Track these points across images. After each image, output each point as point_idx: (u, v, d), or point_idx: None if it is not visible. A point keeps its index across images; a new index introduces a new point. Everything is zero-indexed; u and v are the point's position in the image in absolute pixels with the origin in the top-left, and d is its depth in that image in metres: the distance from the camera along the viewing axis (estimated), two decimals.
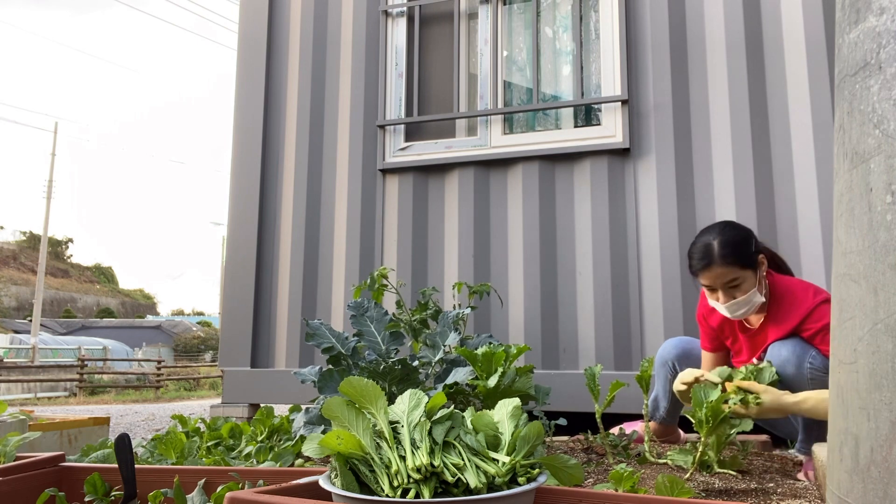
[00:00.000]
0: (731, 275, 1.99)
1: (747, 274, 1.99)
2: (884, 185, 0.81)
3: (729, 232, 2.03)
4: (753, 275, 2.00)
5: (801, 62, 3.03)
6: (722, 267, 1.99)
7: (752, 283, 2.00)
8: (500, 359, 1.93)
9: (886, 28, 0.83)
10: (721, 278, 2.00)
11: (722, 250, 1.99)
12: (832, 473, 0.90)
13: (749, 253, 2.00)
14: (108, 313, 47.85)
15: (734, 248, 1.99)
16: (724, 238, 2.01)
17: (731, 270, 1.99)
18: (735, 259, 1.98)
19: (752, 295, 2.00)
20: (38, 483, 1.38)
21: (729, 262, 1.98)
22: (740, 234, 2.04)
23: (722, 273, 1.99)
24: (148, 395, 15.55)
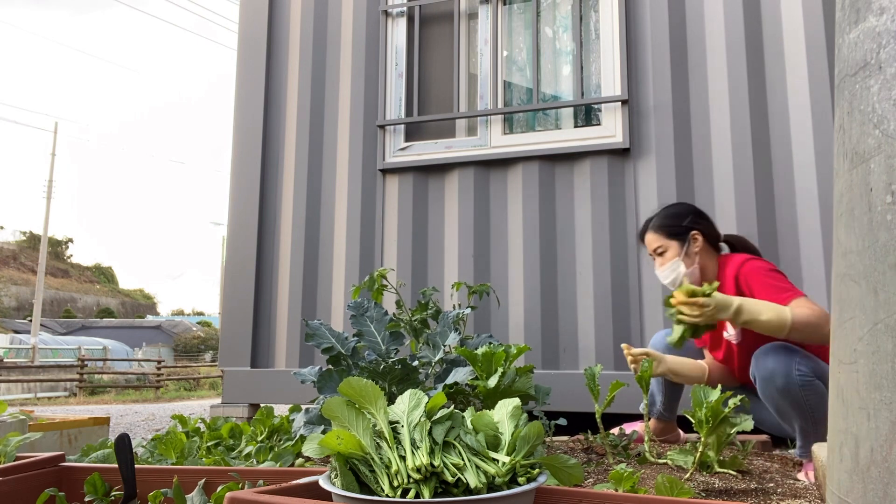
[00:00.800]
0: (656, 242, 2.25)
1: (672, 243, 2.22)
2: (884, 185, 0.81)
3: (669, 208, 2.32)
4: (679, 246, 2.21)
5: (801, 62, 3.03)
6: (651, 234, 2.28)
7: (676, 253, 2.21)
8: (500, 359, 1.93)
9: (886, 28, 0.83)
10: (650, 245, 2.28)
11: (656, 220, 2.28)
12: (832, 473, 0.90)
13: (678, 225, 2.23)
14: (108, 313, 47.86)
15: (665, 220, 2.26)
16: (662, 212, 2.30)
17: (658, 238, 2.25)
18: (662, 228, 2.25)
19: (675, 263, 2.20)
20: (38, 483, 1.38)
21: (657, 231, 2.26)
22: (678, 209, 2.29)
23: (651, 240, 2.28)
24: (148, 395, 15.55)
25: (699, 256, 2.21)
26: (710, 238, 2.25)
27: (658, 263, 2.27)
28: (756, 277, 2.04)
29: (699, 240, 2.22)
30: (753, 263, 2.10)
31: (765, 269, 2.06)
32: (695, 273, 2.20)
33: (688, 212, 2.27)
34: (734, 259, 2.18)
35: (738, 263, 2.12)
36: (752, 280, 2.05)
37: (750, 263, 2.10)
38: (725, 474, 1.85)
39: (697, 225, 2.24)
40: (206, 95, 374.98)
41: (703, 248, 2.23)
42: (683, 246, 2.21)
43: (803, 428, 1.97)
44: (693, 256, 2.21)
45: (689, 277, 2.18)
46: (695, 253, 2.21)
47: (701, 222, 2.26)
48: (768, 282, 2.00)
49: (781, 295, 1.94)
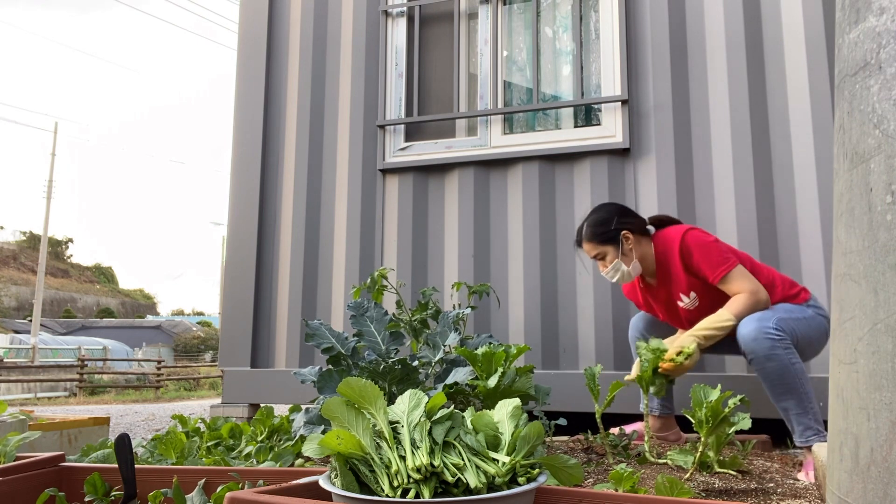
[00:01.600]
0: (594, 251, 2.38)
1: (608, 248, 2.36)
2: (884, 185, 0.81)
3: (594, 215, 2.42)
4: (615, 249, 2.35)
5: (801, 62, 3.03)
6: (586, 244, 2.40)
7: (615, 256, 2.35)
8: (500, 359, 1.93)
9: (886, 28, 0.83)
10: (589, 252, 2.41)
11: (586, 231, 2.40)
12: (832, 473, 0.90)
13: (607, 231, 2.35)
14: (108, 313, 47.85)
15: (594, 229, 2.37)
16: (589, 220, 2.41)
17: (594, 247, 2.38)
18: (593, 237, 2.37)
19: (617, 265, 2.35)
20: (38, 483, 1.38)
21: (589, 240, 2.39)
22: (602, 215, 2.39)
23: (588, 249, 2.41)
24: (148, 395, 15.55)
25: (635, 251, 2.36)
26: (638, 230, 2.39)
27: (601, 267, 2.41)
28: (696, 251, 2.23)
29: (630, 237, 2.35)
30: (694, 236, 2.27)
31: (703, 243, 2.24)
32: (636, 267, 2.36)
33: (612, 214, 2.39)
34: (671, 233, 2.32)
35: (680, 236, 2.28)
36: (694, 252, 2.24)
37: (691, 235, 2.27)
38: (725, 474, 1.85)
39: (624, 225, 2.37)
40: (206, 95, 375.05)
41: (636, 241, 2.37)
42: (618, 248, 2.35)
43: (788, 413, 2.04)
44: (629, 253, 2.36)
45: (633, 272, 2.35)
46: (630, 250, 2.35)
47: (626, 220, 2.39)
48: (706, 257, 2.22)
49: (716, 270, 2.20)
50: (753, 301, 2.15)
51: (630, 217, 2.41)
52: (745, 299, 2.15)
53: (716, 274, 2.20)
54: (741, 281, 2.18)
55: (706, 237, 2.28)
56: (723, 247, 2.27)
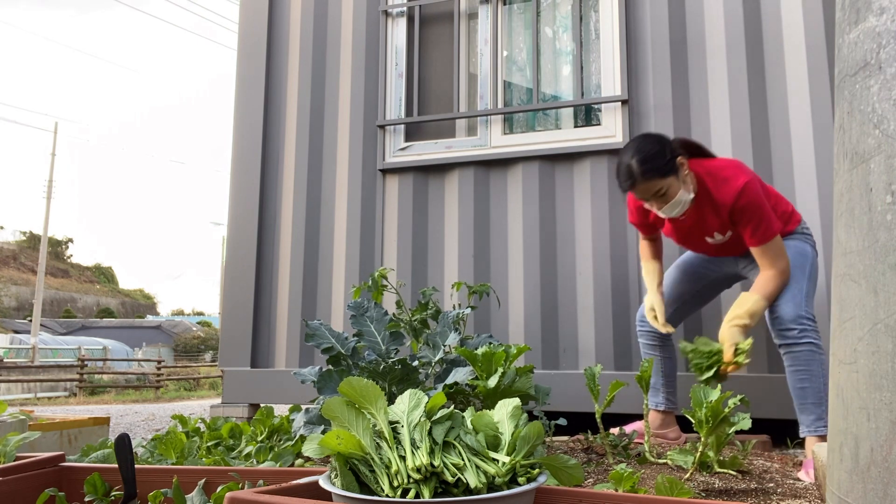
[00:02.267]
0: (655, 187, 2.18)
1: (669, 181, 2.18)
2: (884, 185, 0.81)
3: (644, 148, 2.20)
4: (676, 179, 2.19)
5: (801, 62, 3.03)
6: (645, 183, 2.18)
7: (677, 187, 2.19)
8: (500, 359, 1.93)
9: (886, 28, 0.83)
10: (648, 192, 2.20)
11: (640, 168, 2.17)
12: (832, 473, 0.90)
13: (665, 162, 2.17)
14: (108, 313, 47.85)
15: (651, 164, 2.16)
16: (640, 156, 2.18)
17: (654, 183, 2.17)
18: (654, 173, 2.16)
19: (681, 196, 2.20)
20: (38, 483, 1.38)
21: (649, 178, 2.17)
22: (653, 146, 2.19)
23: (647, 188, 2.19)
24: (148, 395, 15.55)
25: (689, 176, 2.25)
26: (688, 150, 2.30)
27: (656, 205, 2.24)
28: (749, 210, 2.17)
29: (685, 162, 2.23)
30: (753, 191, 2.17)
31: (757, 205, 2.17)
32: (692, 194, 2.24)
33: (662, 143, 2.22)
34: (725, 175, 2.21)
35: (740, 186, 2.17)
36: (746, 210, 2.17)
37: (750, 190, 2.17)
38: (725, 474, 1.85)
39: (677, 151, 2.23)
40: (206, 95, 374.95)
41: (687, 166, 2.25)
42: (679, 176, 2.21)
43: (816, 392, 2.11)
44: (687, 180, 2.23)
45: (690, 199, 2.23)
46: (686, 175, 2.23)
47: (675, 146, 2.25)
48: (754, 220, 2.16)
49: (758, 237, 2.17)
50: (783, 281, 2.16)
51: (675, 141, 2.28)
52: (777, 281, 2.15)
53: (756, 240, 2.18)
54: (775, 257, 2.17)
55: (759, 198, 2.19)
56: (768, 209, 2.20)
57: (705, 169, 2.26)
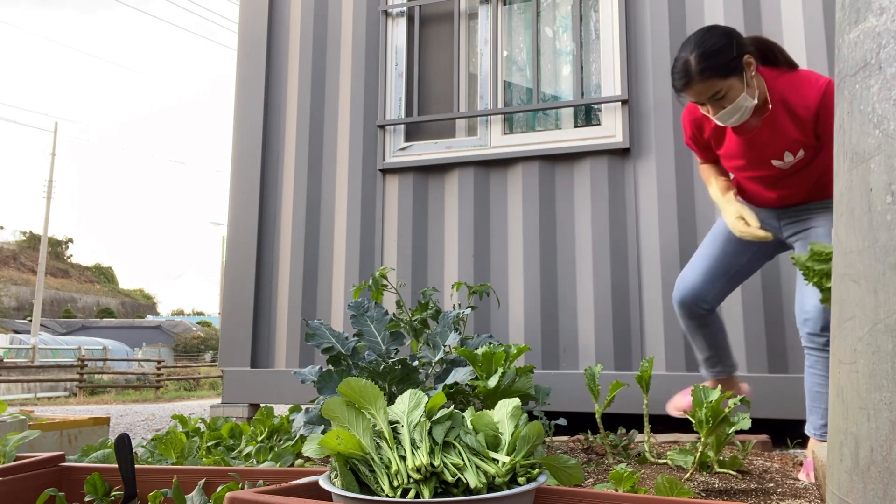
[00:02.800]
0: (713, 88, 1.89)
1: (731, 82, 1.88)
2: (884, 185, 0.81)
3: (706, 42, 1.90)
4: (739, 80, 1.88)
5: (801, 62, 3.03)
6: (702, 83, 1.89)
7: (740, 89, 1.89)
8: (500, 359, 1.93)
9: (886, 28, 0.83)
10: (705, 94, 1.90)
11: (699, 65, 1.88)
12: (832, 473, 0.90)
13: (729, 61, 1.87)
14: (108, 313, 47.86)
15: (712, 61, 1.87)
16: (700, 51, 1.88)
17: (713, 84, 1.88)
18: (714, 71, 1.87)
19: (742, 100, 1.89)
20: (38, 483, 1.38)
21: (708, 76, 1.87)
22: (718, 41, 1.90)
23: (704, 88, 1.89)
24: (148, 395, 15.55)
25: (756, 80, 1.92)
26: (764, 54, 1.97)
27: (713, 110, 1.93)
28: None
29: (752, 62, 1.91)
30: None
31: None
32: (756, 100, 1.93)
33: (729, 36, 1.91)
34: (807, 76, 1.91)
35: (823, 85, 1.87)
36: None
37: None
38: (725, 474, 1.85)
39: (745, 48, 1.90)
40: (206, 96, 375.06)
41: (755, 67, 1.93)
42: (743, 78, 1.88)
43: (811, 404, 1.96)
44: (753, 83, 1.91)
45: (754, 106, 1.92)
46: (752, 78, 1.91)
47: (744, 41, 1.93)
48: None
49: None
50: None
51: (742, 37, 1.94)
52: None
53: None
54: None
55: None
56: None
57: (780, 76, 1.96)
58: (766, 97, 1.95)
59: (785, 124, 1.93)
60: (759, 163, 2.03)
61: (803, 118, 1.89)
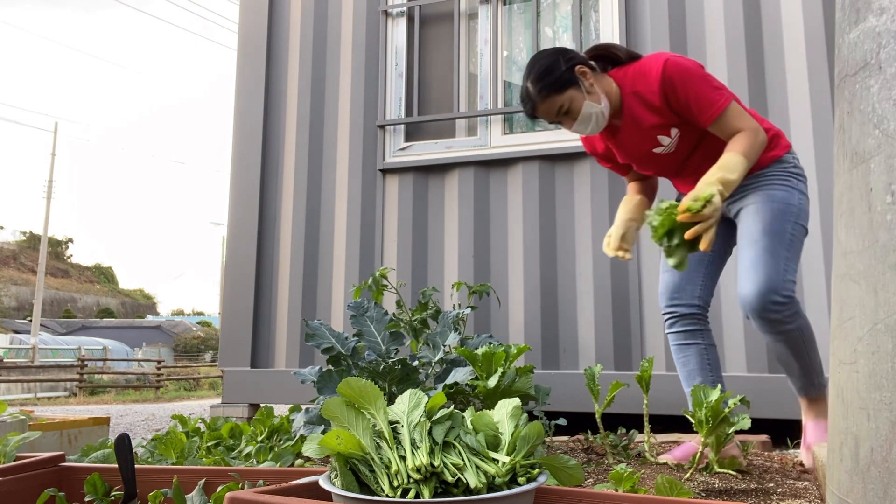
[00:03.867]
0: (556, 104, 1.93)
1: (570, 95, 1.92)
2: (884, 185, 0.81)
3: (536, 65, 1.96)
4: (578, 91, 1.92)
5: (801, 62, 3.03)
6: (543, 102, 1.94)
7: (581, 99, 1.92)
8: (500, 359, 1.93)
9: (886, 28, 0.83)
10: (552, 112, 1.95)
11: (535, 87, 1.94)
12: (832, 473, 0.90)
13: (559, 75, 1.92)
14: (108, 313, 47.86)
15: (545, 80, 1.92)
16: (533, 75, 1.95)
17: (554, 100, 1.93)
18: (550, 89, 1.92)
19: (588, 108, 1.93)
20: (38, 483, 1.38)
21: (546, 95, 1.93)
22: (546, 61, 1.95)
23: (548, 107, 1.94)
24: (148, 395, 15.55)
25: (597, 85, 1.95)
26: (589, 65, 1.99)
27: (568, 125, 1.98)
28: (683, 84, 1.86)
29: (587, 72, 1.95)
30: (677, 64, 1.87)
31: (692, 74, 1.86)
32: (606, 104, 1.95)
33: (554, 55, 1.97)
34: (645, 64, 1.94)
35: (661, 66, 1.88)
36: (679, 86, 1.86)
37: (673, 64, 1.87)
38: (725, 474, 1.85)
39: (573, 60, 1.95)
40: (207, 95, 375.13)
41: (594, 76, 1.97)
42: (580, 88, 1.93)
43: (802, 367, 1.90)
44: (593, 90, 1.94)
45: (606, 111, 1.95)
46: (592, 85, 1.95)
47: (573, 55, 1.98)
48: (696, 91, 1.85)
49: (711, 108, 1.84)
50: (758, 140, 1.83)
51: (573, 52, 2.00)
52: (749, 137, 1.82)
53: (706, 114, 1.85)
54: (740, 118, 1.85)
55: (690, 65, 1.88)
56: (708, 76, 1.89)
57: (626, 71, 1.99)
58: (619, 96, 1.99)
59: (641, 114, 1.96)
60: (646, 157, 2.06)
61: (654, 103, 1.92)
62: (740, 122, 1.85)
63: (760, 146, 1.84)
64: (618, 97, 1.98)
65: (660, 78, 1.87)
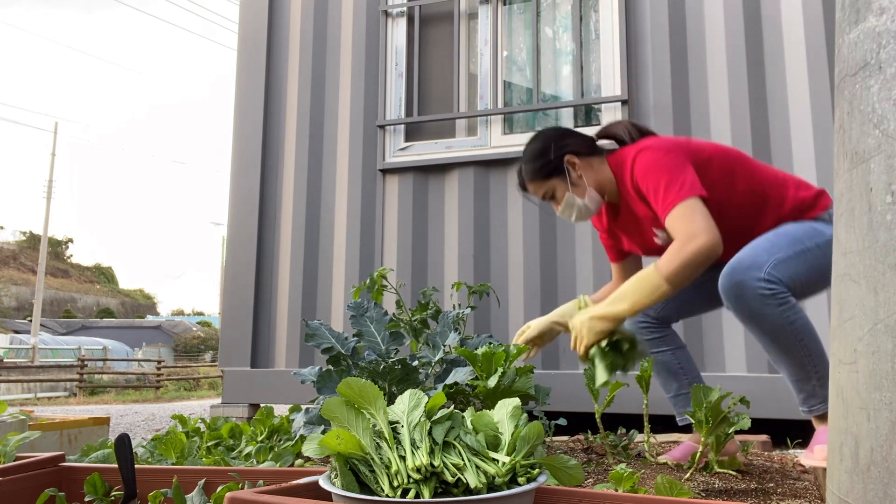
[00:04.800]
0: (540, 189, 1.97)
1: (553, 183, 1.94)
2: (884, 185, 0.81)
3: (528, 149, 1.99)
4: (562, 181, 1.93)
5: (801, 62, 3.03)
6: (530, 184, 1.98)
7: (564, 189, 1.93)
8: (500, 359, 1.93)
9: (886, 28, 0.83)
10: (537, 194, 1.99)
11: (525, 169, 1.99)
12: (832, 473, 0.90)
13: (544, 164, 1.93)
14: (108, 313, 47.87)
15: (531, 165, 1.96)
16: (524, 157, 1.99)
17: (538, 185, 1.96)
18: (534, 175, 1.96)
19: (569, 199, 1.93)
20: (38, 483, 1.38)
21: (531, 179, 1.97)
22: (537, 147, 1.97)
23: (534, 189, 1.99)
24: (148, 395, 15.55)
25: (586, 177, 1.92)
26: (586, 152, 1.96)
27: (555, 208, 1.99)
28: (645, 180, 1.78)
29: (576, 162, 1.92)
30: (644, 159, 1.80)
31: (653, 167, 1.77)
32: (593, 197, 1.92)
33: (547, 140, 1.96)
34: (627, 155, 1.88)
35: (630, 160, 1.84)
36: (641, 182, 1.79)
37: (641, 158, 1.80)
38: (725, 474, 1.85)
39: (564, 149, 1.93)
40: (207, 96, 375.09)
41: (585, 165, 1.93)
42: (565, 178, 1.93)
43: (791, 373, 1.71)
44: (580, 182, 1.92)
45: (591, 203, 1.93)
46: (579, 177, 1.92)
47: (566, 142, 1.95)
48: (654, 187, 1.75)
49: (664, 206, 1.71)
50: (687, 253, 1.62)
51: (570, 138, 1.98)
52: (673, 250, 1.65)
53: (661, 208, 1.72)
54: (682, 221, 1.66)
55: (661, 159, 1.76)
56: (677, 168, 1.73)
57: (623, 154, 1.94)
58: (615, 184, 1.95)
59: (633, 203, 1.91)
60: (650, 248, 2.00)
61: (633, 200, 1.89)
62: (679, 225, 1.67)
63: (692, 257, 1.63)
64: (613, 185, 1.95)
65: (630, 170, 1.84)
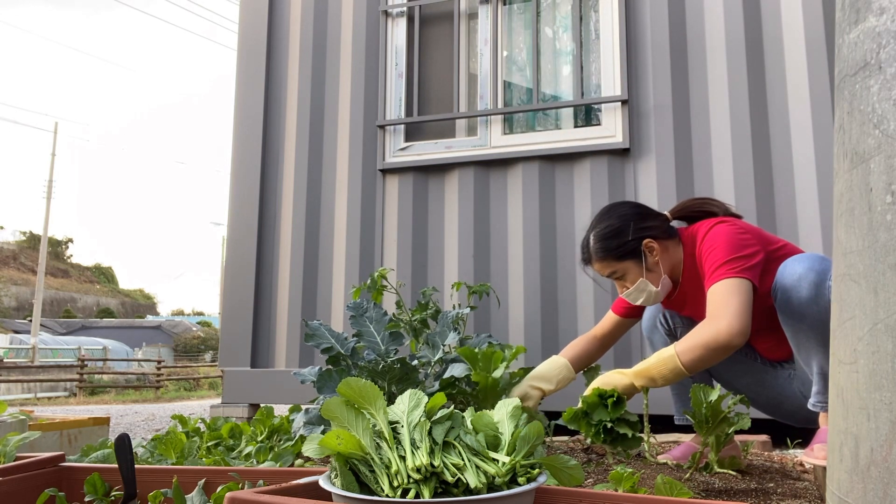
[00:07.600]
0: (609, 268, 1.87)
1: (626, 266, 1.84)
2: (884, 185, 0.81)
3: (602, 223, 1.88)
4: (637, 264, 1.83)
5: (801, 62, 3.03)
6: (598, 262, 1.88)
7: (638, 273, 1.83)
8: (499, 359, 1.93)
9: (886, 28, 0.83)
10: (603, 272, 1.89)
11: (595, 246, 1.87)
12: (832, 473, 0.90)
13: (621, 244, 1.83)
14: (108, 313, 47.87)
15: (605, 243, 1.85)
16: (597, 232, 1.88)
17: (608, 264, 1.86)
18: (606, 253, 1.85)
19: (642, 284, 1.84)
20: (38, 483, 1.38)
21: (601, 257, 1.86)
22: (613, 224, 1.86)
23: (601, 268, 1.89)
24: (148, 395, 15.55)
25: (662, 263, 1.84)
26: (664, 235, 1.87)
27: (619, 288, 1.91)
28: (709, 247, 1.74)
29: (655, 247, 1.84)
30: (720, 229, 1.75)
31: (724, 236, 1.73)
32: (667, 284, 1.85)
33: (626, 220, 1.86)
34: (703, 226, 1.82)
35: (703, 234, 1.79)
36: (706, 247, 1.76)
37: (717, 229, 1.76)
38: (725, 474, 1.85)
39: (646, 232, 1.84)
40: (207, 95, 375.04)
41: (662, 249, 1.85)
42: (641, 262, 1.83)
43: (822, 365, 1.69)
44: (656, 268, 1.84)
45: (664, 291, 1.86)
46: (656, 263, 1.84)
47: (647, 225, 1.86)
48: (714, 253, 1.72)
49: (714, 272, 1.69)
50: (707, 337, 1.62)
51: (651, 219, 1.87)
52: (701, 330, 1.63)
53: (709, 282, 1.69)
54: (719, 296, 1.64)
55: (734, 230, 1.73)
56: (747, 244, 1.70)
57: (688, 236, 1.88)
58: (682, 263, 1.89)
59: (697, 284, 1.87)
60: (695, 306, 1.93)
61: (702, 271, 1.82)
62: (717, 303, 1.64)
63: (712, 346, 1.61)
64: (680, 265, 1.88)
65: (702, 239, 1.79)
